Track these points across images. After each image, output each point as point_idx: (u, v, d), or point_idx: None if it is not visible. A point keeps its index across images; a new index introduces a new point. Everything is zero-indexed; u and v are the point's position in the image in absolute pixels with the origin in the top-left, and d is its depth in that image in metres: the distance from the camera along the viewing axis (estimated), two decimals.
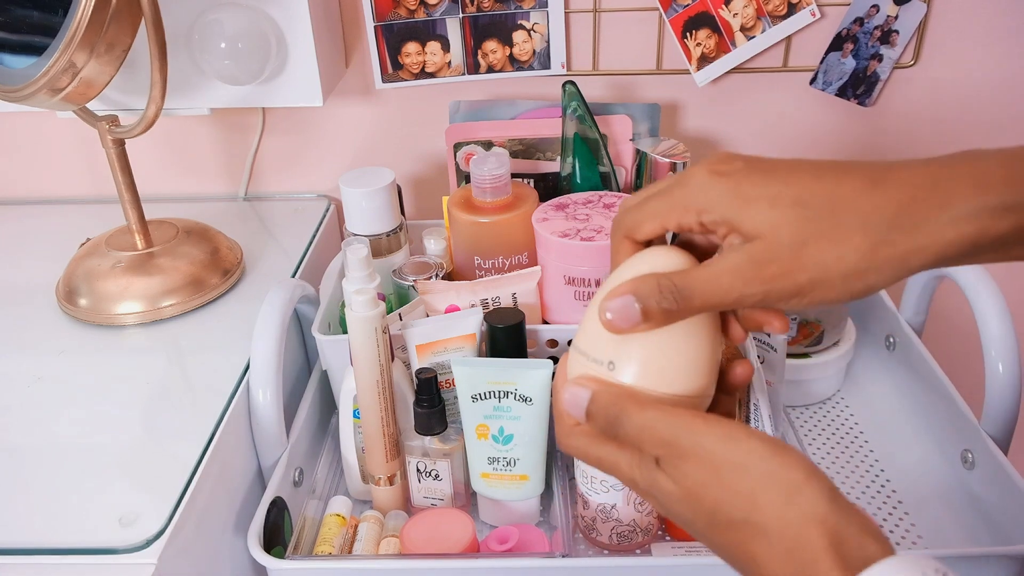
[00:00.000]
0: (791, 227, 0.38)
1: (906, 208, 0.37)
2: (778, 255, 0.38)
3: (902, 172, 0.38)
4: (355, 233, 0.80)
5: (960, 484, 0.74)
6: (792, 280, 0.38)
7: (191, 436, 0.64)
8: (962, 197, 0.37)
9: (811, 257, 0.38)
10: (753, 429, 0.40)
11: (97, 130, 0.77)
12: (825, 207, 0.38)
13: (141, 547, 0.55)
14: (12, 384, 0.70)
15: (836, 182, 0.38)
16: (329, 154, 1.02)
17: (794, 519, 0.36)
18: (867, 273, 0.38)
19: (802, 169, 0.39)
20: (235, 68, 0.82)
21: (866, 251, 0.37)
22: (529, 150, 0.88)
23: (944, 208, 0.37)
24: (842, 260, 0.38)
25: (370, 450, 0.70)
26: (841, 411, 0.86)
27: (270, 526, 0.64)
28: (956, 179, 0.37)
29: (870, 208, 0.38)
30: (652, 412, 0.40)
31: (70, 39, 0.64)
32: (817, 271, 0.38)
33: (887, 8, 0.89)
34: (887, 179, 0.38)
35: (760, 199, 0.39)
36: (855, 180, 0.38)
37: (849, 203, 0.38)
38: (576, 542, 0.70)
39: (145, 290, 0.78)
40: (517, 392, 0.66)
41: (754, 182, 0.39)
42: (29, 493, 0.59)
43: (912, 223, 0.37)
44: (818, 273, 0.38)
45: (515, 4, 0.91)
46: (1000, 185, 0.37)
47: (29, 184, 1.05)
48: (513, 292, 0.76)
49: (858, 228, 0.38)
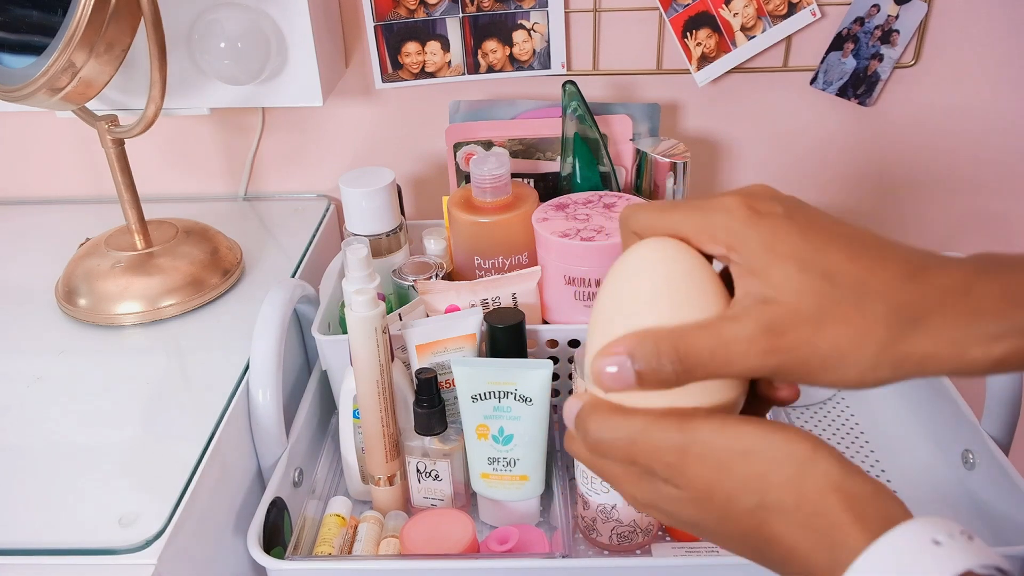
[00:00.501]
0: (815, 300, 0.36)
1: (935, 312, 0.36)
2: (796, 326, 0.36)
3: (938, 270, 0.37)
4: (355, 233, 0.80)
5: (960, 484, 0.74)
6: (803, 356, 0.36)
7: (191, 436, 0.64)
8: (993, 313, 0.36)
9: (829, 338, 0.36)
10: (741, 416, 0.39)
11: (97, 130, 0.77)
12: (854, 289, 0.36)
13: (141, 547, 0.54)
14: (12, 384, 0.70)
15: (870, 267, 0.37)
16: (329, 154, 1.02)
17: (810, 490, 0.36)
18: (880, 368, 0.36)
19: (841, 239, 0.37)
20: (235, 68, 0.82)
21: (886, 345, 0.36)
22: (529, 150, 0.88)
23: (974, 322, 0.36)
24: (860, 349, 0.36)
25: (370, 450, 0.70)
26: (841, 411, 0.86)
27: (270, 526, 0.64)
28: (988, 290, 0.36)
29: (899, 303, 0.36)
30: (639, 421, 0.39)
31: (69, 39, 0.64)
32: (832, 354, 0.36)
33: (888, 8, 0.89)
34: (922, 275, 0.36)
35: (790, 259, 0.37)
36: (891, 268, 0.37)
37: (879, 292, 0.36)
38: (576, 542, 0.70)
39: (145, 290, 0.78)
40: (517, 392, 0.66)
41: (789, 238, 0.37)
42: (29, 493, 0.59)
43: (938, 330, 0.36)
44: (833, 357, 0.36)
45: (515, 4, 0.90)
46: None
47: (28, 184, 1.05)
48: (513, 292, 0.75)
49: (882, 320, 0.36)
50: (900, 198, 1.01)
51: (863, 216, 1.01)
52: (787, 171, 1.00)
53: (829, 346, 0.36)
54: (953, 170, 0.99)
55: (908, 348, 0.36)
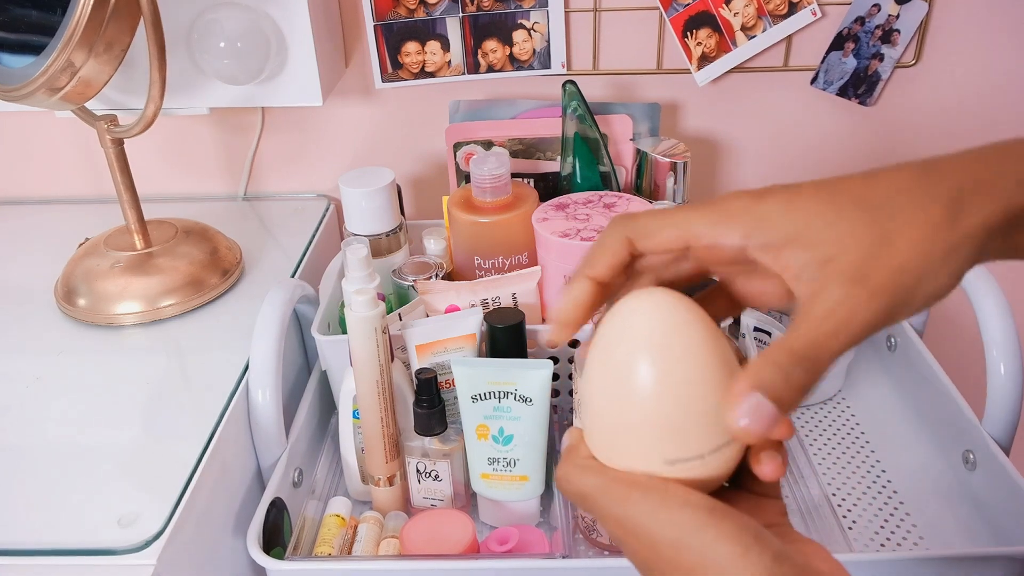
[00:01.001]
0: (868, 228, 0.34)
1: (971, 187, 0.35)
2: (874, 260, 0.34)
3: (943, 162, 0.36)
4: (355, 233, 0.80)
5: (961, 485, 0.74)
6: (900, 281, 0.34)
7: (191, 436, 0.64)
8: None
9: (905, 249, 0.34)
10: (691, 494, 0.36)
11: (96, 130, 0.77)
12: (891, 196, 0.35)
13: (140, 548, 0.54)
14: (12, 384, 0.70)
15: (887, 179, 0.36)
16: (329, 154, 1.02)
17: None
18: (960, 249, 0.34)
19: (848, 177, 0.37)
20: (235, 68, 0.82)
21: (951, 220, 0.34)
22: (529, 150, 0.88)
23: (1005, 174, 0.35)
24: (934, 238, 0.34)
25: (370, 451, 0.70)
26: (841, 411, 0.86)
27: (269, 527, 0.64)
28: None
29: (933, 184, 0.35)
30: (591, 482, 0.39)
31: (68, 38, 0.64)
32: (919, 260, 0.34)
33: (888, 7, 0.89)
34: (934, 167, 0.36)
35: (822, 209, 0.35)
36: (904, 171, 0.36)
37: (912, 186, 0.35)
38: (576, 543, 0.70)
39: (144, 290, 0.78)
40: (517, 392, 0.66)
41: (801, 198, 0.36)
42: (29, 493, 0.59)
43: (982, 184, 0.35)
44: (920, 261, 0.34)
45: (515, 3, 0.90)
46: None
47: (28, 184, 1.05)
48: (513, 292, 0.75)
49: (934, 200, 0.34)
50: None
51: None
52: (787, 171, 1.00)
53: (912, 254, 0.34)
54: None
55: (969, 221, 0.35)
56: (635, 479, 0.38)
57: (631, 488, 0.37)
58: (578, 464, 0.40)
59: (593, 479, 0.39)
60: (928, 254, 0.34)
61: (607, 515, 0.38)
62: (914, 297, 0.34)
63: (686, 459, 0.37)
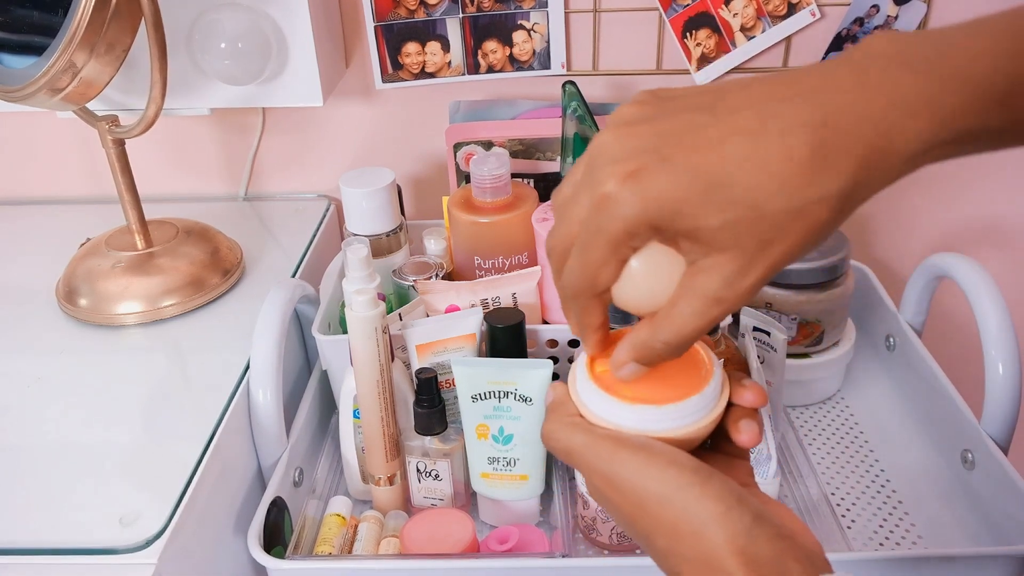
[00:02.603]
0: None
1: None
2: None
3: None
4: (355, 233, 0.80)
5: (960, 484, 0.74)
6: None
7: (191, 436, 0.64)
8: None
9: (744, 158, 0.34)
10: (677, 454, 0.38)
11: (97, 130, 0.77)
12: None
13: (141, 547, 0.55)
14: (12, 384, 0.70)
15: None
16: (329, 154, 1.02)
17: (712, 551, 0.36)
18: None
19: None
20: (235, 68, 0.82)
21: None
22: (529, 150, 0.88)
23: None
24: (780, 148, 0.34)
25: (370, 450, 0.70)
26: (841, 411, 0.86)
27: (270, 526, 0.64)
28: None
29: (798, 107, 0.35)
30: (579, 439, 0.40)
31: (70, 39, 0.64)
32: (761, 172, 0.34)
33: (887, 8, 0.89)
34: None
35: None
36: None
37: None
38: (576, 542, 0.70)
39: (145, 290, 0.78)
40: (517, 392, 0.66)
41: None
42: (29, 493, 0.60)
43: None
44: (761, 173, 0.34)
45: (515, 4, 0.91)
46: None
47: (29, 184, 1.05)
48: (513, 292, 0.76)
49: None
50: (899, 198, 1.01)
51: (861, 215, 1.01)
52: None
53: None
54: (953, 169, 0.99)
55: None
56: (622, 437, 0.39)
57: (618, 445, 0.39)
58: (565, 422, 0.41)
59: (581, 436, 0.40)
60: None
61: (593, 471, 0.40)
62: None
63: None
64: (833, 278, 0.82)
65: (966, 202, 1.01)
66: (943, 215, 1.02)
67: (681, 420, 0.40)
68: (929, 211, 1.02)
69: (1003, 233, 1.02)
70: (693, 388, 0.40)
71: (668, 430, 0.40)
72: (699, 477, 0.37)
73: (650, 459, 0.38)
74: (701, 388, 0.40)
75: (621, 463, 0.39)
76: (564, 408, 0.42)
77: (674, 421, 0.40)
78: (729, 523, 0.36)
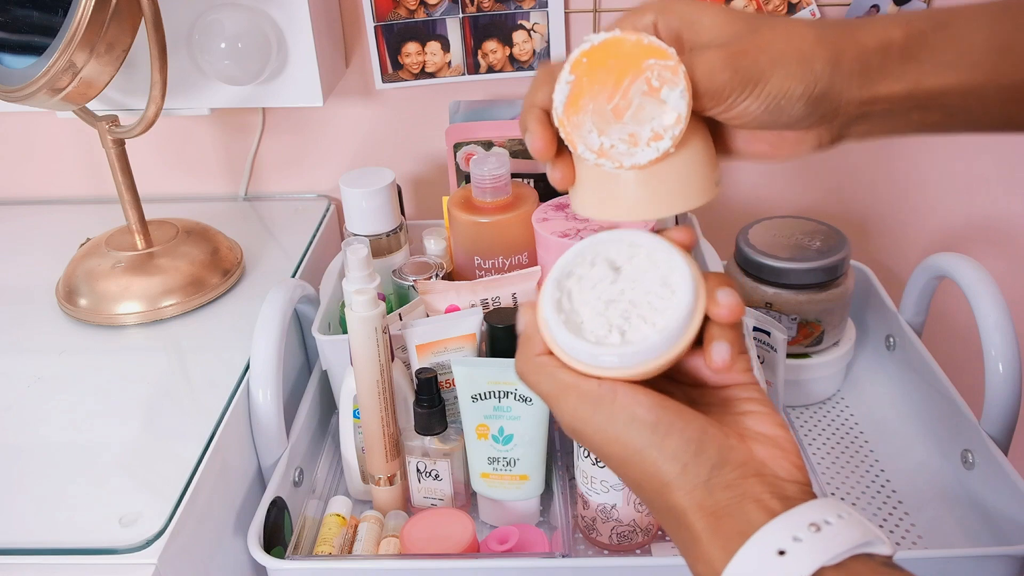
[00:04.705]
0: (747, 23, 0.40)
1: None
2: (740, 39, 0.39)
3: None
4: (355, 233, 0.80)
5: (960, 484, 0.74)
6: (756, 58, 0.39)
7: (191, 436, 0.64)
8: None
9: (769, 37, 0.39)
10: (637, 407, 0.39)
11: (97, 130, 0.77)
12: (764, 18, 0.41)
13: (141, 547, 0.55)
14: (12, 384, 0.70)
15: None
16: (329, 154, 1.02)
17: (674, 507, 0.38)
18: (815, 58, 0.39)
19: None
20: (235, 68, 0.82)
21: (816, 37, 0.39)
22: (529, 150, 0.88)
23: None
24: (800, 45, 0.39)
25: (370, 450, 0.70)
26: (841, 411, 0.86)
27: (270, 526, 0.64)
28: None
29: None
30: (545, 385, 0.41)
31: (70, 39, 0.64)
32: (776, 47, 0.39)
33: (887, 8, 0.89)
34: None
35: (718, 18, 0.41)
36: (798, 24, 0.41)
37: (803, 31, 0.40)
38: (576, 542, 0.70)
39: (145, 290, 0.78)
40: (517, 392, 0.66)
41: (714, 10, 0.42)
42: (29, 493, 0.60)
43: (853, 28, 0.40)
44: (777, 48, 0.39)
45: (515, 4, 0.91)
46: None
47: (29, 184, 1.05)
48: (513, 292, 0.76)
49: (804, 23, 0.40)
50: (899, 198, 1.01)
51: (861, 215, 1.01)
52: (786, 170, 1.00)
53: (773, 39, 0.39)
54: (952, 168, 0.99)
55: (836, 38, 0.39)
56: (584, 389, 0.40)
57: (581, 400, 0.40)
58: (533, 363, 0.42)
59: (547, 384, 0.41)
60: (786, 52, 0.39)
61: (559, 418, 0.41)
62: (764, 73, 0.39)
63: None
64: (833, 278, 0.82)
65: (966, 202, 1.01)
66: (943, 215, 1.02)
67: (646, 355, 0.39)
68: (929, 211, 1.02)
69: (1003, 233, 1.02)
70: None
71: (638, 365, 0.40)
72: (657, 436, 0.38)
73: (610, 418, 0.39)
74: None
75: (583, 421, 0.40)
76: (531, 344, 0.43)
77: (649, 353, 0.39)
78: (686, 481, 0.38)
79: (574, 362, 0.41)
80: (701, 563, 0.37)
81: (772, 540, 0.35)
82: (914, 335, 0.84)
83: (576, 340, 0.40)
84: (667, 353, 0.40)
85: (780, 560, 0.34)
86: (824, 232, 0.84)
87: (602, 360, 0.40)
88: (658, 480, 0.38)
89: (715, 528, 0.37)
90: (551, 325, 0.41)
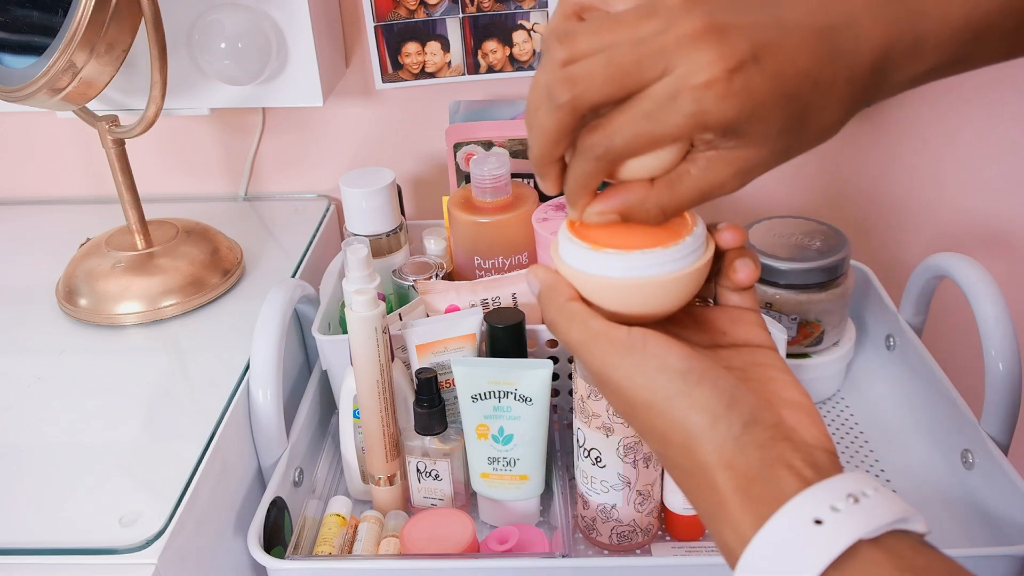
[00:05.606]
0: None
1: None
2: None
3: None
4: (355, 233, 0.80)
5: (960, 484, 0.74)
6: None
7: (191, 436, 0.64)
8: None
9: None
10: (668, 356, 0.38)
11: (97, 130, 0.77)
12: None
13: (141, 547, 0.55)
14: (12, 384, 0.70)
15: None
16: (329, 154, 1.02)
17: (700, 464, 0.36)
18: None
19: None
20: (235, 68, 0.82)
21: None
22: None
23: None
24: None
25: (370, 450, 0.70)
26: (841, 411, 0.86)
27: (270, 526, 0.64)
28: None
29: None
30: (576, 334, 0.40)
31: (70, 39, 0.64)
32: None
33: None
34: None
35: None
36: None
37: None
38: (576, 542, 0.70)
39: (145, 290, 0.78)
40: (517, 392, 0.66)
41: None
42: (29, 493, 0.60)
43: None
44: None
45: (515, 4, 0.91)
46: None
47: (29, 184, 1.05)
48: (513, 292, 0.76)
49: None
50: (899, 198, 1.01)
51: (861, 215, 1.01)
52: (786, 170, 1.00)
53: None
54: (952, 169, 0.99)
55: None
56: (614, 335, 0.39)
57: (611, 347, 0.39)
58: (564, 310, 0.41)
59: (577, 332, 0.40)
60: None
61: (589, 368, 0.40)
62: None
63: None
64: (833, 278, 0.82)
65: (966, 202, 1.01)
66: (943, 215, 1.02)
67: (671, 264, 0.40)
68: (929, 211, 1.02)
69: (1003, 233, 1.02)
70: (678, 236, 0.41)
71: (653, 276, 0.40)
72: (687, 385, 0.37)
73: (640, 364, 0.38)
74: (684, 236, 0.41)
75: (613, 367, 0.39)
76: (558, 291, 0.42)
77: (662, 266, 0.40)
78: (716, 435, 0.36)
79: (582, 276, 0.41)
80: (728, 528, 0.35)
81: (808, 509, 0.33)
82: (914, 335, 0.84)
83: (602, 255, 0.41)
84: (678, 271, 0.40)
85: (816, 530, 0.32)
86: (824, 232, 0.84)
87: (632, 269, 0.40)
88: (685, 432, 0.36)
89: (745, 492, 0.35)
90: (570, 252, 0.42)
